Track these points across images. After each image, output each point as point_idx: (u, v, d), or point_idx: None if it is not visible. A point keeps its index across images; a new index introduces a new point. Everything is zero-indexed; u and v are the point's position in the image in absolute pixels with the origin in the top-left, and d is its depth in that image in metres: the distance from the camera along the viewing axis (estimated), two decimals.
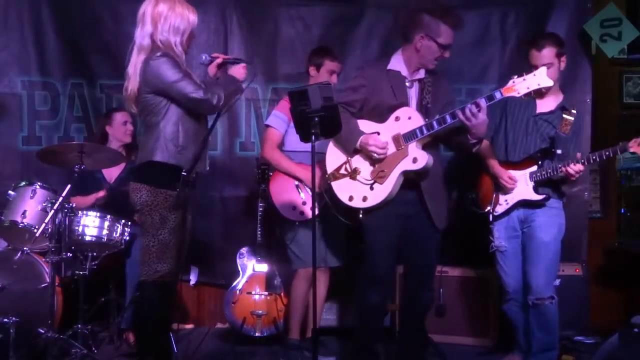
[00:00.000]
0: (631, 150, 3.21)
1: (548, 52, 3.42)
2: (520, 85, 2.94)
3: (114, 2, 4.46)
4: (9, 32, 4.43)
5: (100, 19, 4.46)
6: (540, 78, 2.93)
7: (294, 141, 3.76)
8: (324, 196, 3.40)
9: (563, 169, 3.32)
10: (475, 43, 4.38)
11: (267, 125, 3.92)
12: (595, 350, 3.02)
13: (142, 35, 2.96)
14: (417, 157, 3.10)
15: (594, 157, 3.28)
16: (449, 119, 3.03)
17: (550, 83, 2.95)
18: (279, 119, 3.85)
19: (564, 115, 3.42)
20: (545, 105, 3.52)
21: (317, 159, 3.64)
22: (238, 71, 3.03)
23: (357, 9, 4.53)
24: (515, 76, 2.98)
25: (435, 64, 3.22)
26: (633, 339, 2.36)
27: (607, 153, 3.26)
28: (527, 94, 3.00)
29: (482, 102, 2.97)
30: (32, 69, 4.45)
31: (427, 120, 3.11)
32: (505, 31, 4.45)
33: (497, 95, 2.97)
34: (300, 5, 4.54)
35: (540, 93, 3.48)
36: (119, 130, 4.22)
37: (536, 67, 3.40)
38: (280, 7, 4.55)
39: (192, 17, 3.00)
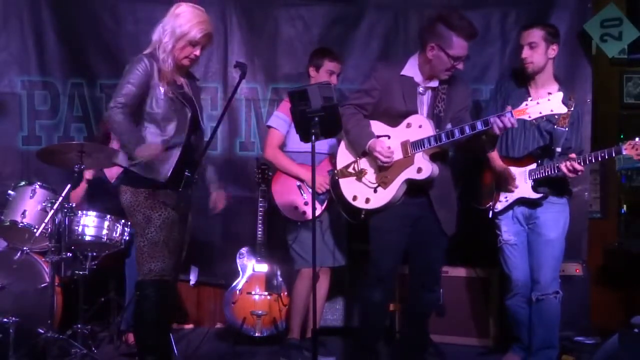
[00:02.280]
0: (625, 152, 3.19)
1: (535, 32, 3.43)
2: (532, 109, 2.92)
3: (114, 2, 4.48)
4: (9, 32, 4.43)
5: (100, 19, 4.46)
6: (554, 104, 2.89)
7: (295, 141, 3.76)
8: (331, 193, 3.41)
9: (560, 167, 3.32)
10: (476, 43, 4.37)
11: (269, 126, 3.92)
12: (595, 351, 3.03)
13: (156, 30, 2.99)
14: (422, 167, 3.10)
15: (589, 158, 3.27)
16: (457, 134, 3.02)
17: (564, 110, 2.91)
18: (281, 120, 3.85)
19: None
20: (540, 97, 3.47)
21: (319, 159, 3.69)
22: (145, 151, 2.87)
23: (357, 9, 4.53)
24: (530, 99, 2.96)
25: (447, 75, 3.16)
26: (633, 339, 2.36)
27: (602, 154, 3.25)
28: (539, 119, 2.98)
29: (492, 120, 2.96)
30: (32, 69, 4.46)
31: (437, 130, 3.11)
32: (505, 31, 4.45)
33: (508, 116, 2.95)
34: (300, 5, 4.54)
35: (530, 80, 3.49)
36: None
37: (522, 47, 3.44)
38: (280, 7, 4.55)
39: (194, 31, 2.92)
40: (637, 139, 3.19)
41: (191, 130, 3.02)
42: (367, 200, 3.22)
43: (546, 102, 2.90)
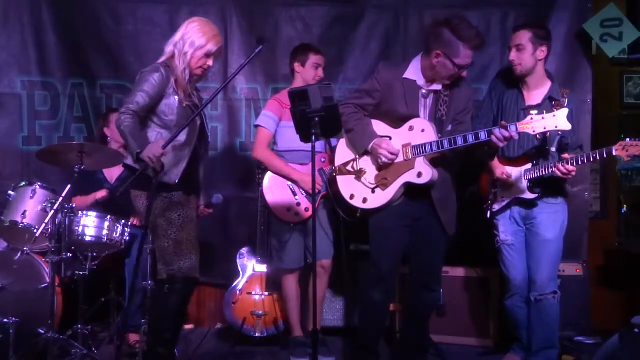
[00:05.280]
0: (615, 153, 3.17)
1: (521, 34, 3.40)
2: (537, 123, 2.92)
3: (114, 2, 4.48)
4: (9, 32, 4.42)
5: (100, 19, 4.46)
6: (558, 120, 2.89)
7: (286, 140, 3.78)
8: (328, 191, 3.42)
9: (553, 169, 3.31)
10: None
11: (257, 125, 3.92)
12: (595, 351, 3.02)
13: (169, 42, 3.14)
14: (422, 172, 3.10)
15: (582, 159, 3.25)
16: (459, 141, 3.01)
17: (568, 127, 2.91)
18: (269, 118, 3.85)
19: (554, 107, 3.32)
20: (533, 97, 3.47)
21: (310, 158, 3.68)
22: (149, 151, 2.89)
23: (357, 9, 4.54)
24: (535, 112, 2.95)
25: (449, 81, 3.15)
26: (633, 339, 2.36)
27: (594, 155, 3.22)
28: (542, 134, 2.98)
29: (497, 132, 2.96)
30: (32, 69, 4.45)
31: (439, 135, 3.10)
32: (505, 31, 4.44)
33: (512, 129, 2.95)
34: (300, 5, 4.55)
35: (522, 82, 3.48)
36: (117, 131, 4.18)
37: (510, 49, 3.43)
38: (280, 7, 4.55)
39: (211, 44, 3.09)
40: (627, 140, 3.17)
41: (199, 137, 3.16)
42: (364, 200, 3.23)
43: (551, 117, 2.90)
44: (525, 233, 3.55)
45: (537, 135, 3.04)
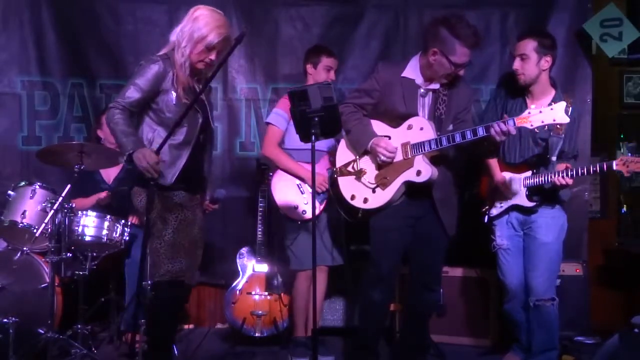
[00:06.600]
0: (616, 168, 3.15)
1: (525, 44, 3.37)
2: (535, 117, 2.90)
3: (114, 2, 4.48)
4: (9, 32, 4.42)
5: (100, 19, 4.47)
6: (557, 113, 2.87)
7: (294, 139, 3.76)
8: (330, 191, 3.41)
9: (553, 180, 3.29)
10: None
11: (268, 123, 3.91)
12: (596, 351, 3.03)
13: (173, 32, 2.96)
14: (422, 170, 3.10)
15: (582, 171, 3.24)
16: (458, 138, 3.01)
17: (566, 120, 2.90)
18: (280, 117, 3.84)
19: None
20: (537, 106, 3.47)
21: (318, 157, 3.68)
22: (142, 160, 2.78)
23: (357, 9, 4.54)
24: (533, 107, 2.95)
25: (447, 80, 3.15)
26: (633, 339, 2.37)
27: (594, 168, 3.22)
28: (541, 128, 2.97)
29: (496, 126, 2.95)
30: (32, 69, 4.45)
31: (438, 133, 3.10)
32: (505, 31, 4.45)
33: (510, 124, 2.94)
34: (300, 5, 4.55)
35: (526, 91, 3.45)
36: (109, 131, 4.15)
37: (514, 58, 3.41)
38: (280, 7, 4.55)
39: (212, 35, 2.85)
40: (629, 155, 3.17)
41: (201, 132, 3.04)
42: (365, 200, 3.23)
43: (549, 111, 2.89)
44: (523, 238, 3.53)
45: (536, 129, 3.02)
